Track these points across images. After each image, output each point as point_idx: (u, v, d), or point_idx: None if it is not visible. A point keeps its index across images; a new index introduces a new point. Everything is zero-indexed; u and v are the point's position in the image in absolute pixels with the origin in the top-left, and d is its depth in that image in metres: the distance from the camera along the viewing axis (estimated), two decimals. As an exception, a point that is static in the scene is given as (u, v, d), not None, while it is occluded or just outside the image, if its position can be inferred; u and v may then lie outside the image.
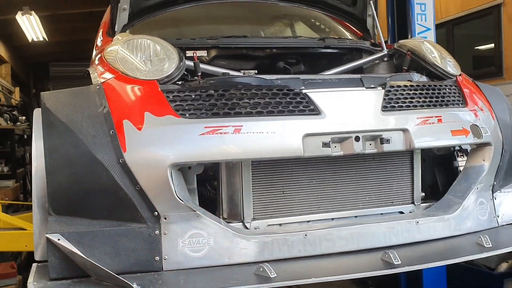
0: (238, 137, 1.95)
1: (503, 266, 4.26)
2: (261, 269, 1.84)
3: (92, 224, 1.86)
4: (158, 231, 1.87)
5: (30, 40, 9.37)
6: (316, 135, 2.05)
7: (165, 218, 1.88)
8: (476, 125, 2.36)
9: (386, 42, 2.96)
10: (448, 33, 5.51)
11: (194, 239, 1.90)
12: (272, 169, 2.17)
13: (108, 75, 2.16)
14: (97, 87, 2.06)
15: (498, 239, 2.29)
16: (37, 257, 1.91)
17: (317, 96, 2.13)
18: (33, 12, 7.80)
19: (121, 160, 1.86)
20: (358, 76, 2.33)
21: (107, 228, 1.85)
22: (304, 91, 2.13)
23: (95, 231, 1.84)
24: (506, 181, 2.54)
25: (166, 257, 1.86)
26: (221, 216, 2.15)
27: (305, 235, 2.02)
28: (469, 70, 5.21)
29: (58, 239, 1.78)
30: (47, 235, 1.79)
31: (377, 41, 3.17)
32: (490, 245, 2.16)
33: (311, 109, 2.09)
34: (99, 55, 2.41)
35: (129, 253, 1.84)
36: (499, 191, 2.47)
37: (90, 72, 2.34)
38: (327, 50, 2.89)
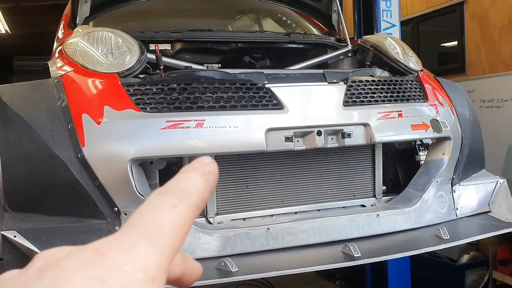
0: (201, 132, 1.94)
1: (465, 258, 4.40)
2: (222, 264, 1.84)
3: (50, 221, 1.82)
4: (118, 227, 1.84)
5: (-8, 32, 9.09)
6: (279, 129, 2.06)
7: (126, 214, 1.86)
8: (436, 119, 2.41)
9: (352, 38, 3.00)
10: (413, 30, 5.61)
11: (155, 234, 1.88)
12: (235, 164, 2.17)
13: (67, 68, 2.11)
14: (56, 80, 2.01)
15: (457, 231, 2.35)
16: (-8, 255, 1.86)
17: (280, 90, 2.13)
18: (-5, 4, 7.56)
19: (80, 155, 1.83)
20: (321, 71, 2.35)
21: (66, 225, 1.82)
22: (267, 85, 2.13)
23: (53, 227, 1.80)
24: (465, 175, 2.60)
25: (127, 253, 1.84)
26: (184, 211, 2.13)
27: (268, 229, 2.03)
28: (434, 67, 5.33)
29: (14, 236, 1.73)
30: (2, 232, 1.74)
31: (342, 36, 3.20)
32: (448, 237, 2.21)
33: (274, 104, 2.10)
34: (59, 48, 2.36)
35: (89, 250, 1.80)
36: (458, 184, 2.53)
37: (49, 65, 2.29)
38: (293, 45, 2.90)
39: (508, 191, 2.61)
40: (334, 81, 2.28)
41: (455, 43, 5.26)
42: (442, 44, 5.98)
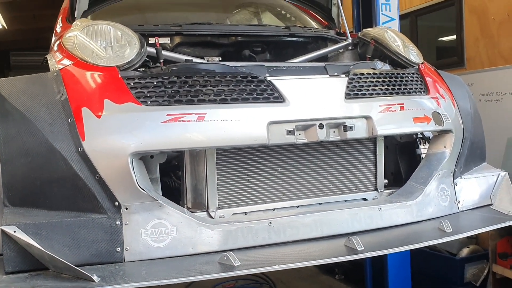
0: (202, 125, 1.92)
1: (464, 252, 4.40)
2: (225, 258, 1.83)
3: (50, 215, 1.81)
4: (119, 222, 1.83)
5: (-12, 28, 9.02)
6: (281, 122, 2.05)
7: (126, 208, 1.84)
8: (437, 112, 2.40)
9: (351, 32, 2.98)
10: (412, 23, 5.59)
11: (156, 229, 1.86)
12: (237, 157, 2.15)
13: (66, 62, 2.09)
14: (55, 73, 1.99)
15: (459, 224, 2.34)
16: (-8, 250, 1.84)
17: (281, 83, 2.12)
18: (-9, -1, 7.50)
19: (80, 149, 1.81)
20: (322, 64, 2.33)
21: (66, 219, 1.80)
22: (268, 78, 2.12)
23: (53, 222, 1.78)
24: (467, 168, 2.60)
25: (128, 247, 1.83)
26: (185, 205, 2.12)
27: (270, 223, 2.02)
28: (432, 61, 5.31)
29: (14, 231, 1.72)
30: (1, 227, 1.72)
31: (341, 30, 3.19)
32: (451, 230, 2.20)
33: (276, 97, 2.08)
34: (58, 42, 2.33)
35: (89, 244, 1.79)
36: (460, 177, 2.53)
37: (48, 59, 2.27)
38: (292, 39, 2.88)
39: (510, 184, 2.61)
40: (336, 74, 2.26)
41: (454, 37, 5.24)
42: (440, 38, 5.97)
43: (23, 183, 1.84)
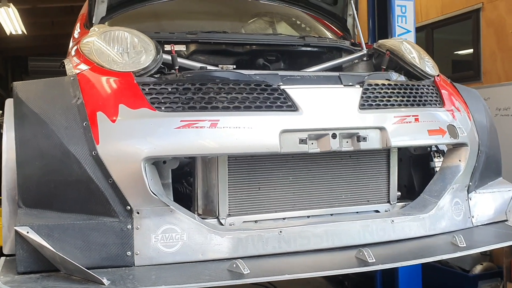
0: (215, 132, 1.93)
1: (478, 268, 4.33)
2: (234, 265, 1.82)
3: (63, 217, 1.83)
4: (130, 226, 1.84)
5: (8, 33, 9.18)
6: (293, 131, 2.04)
7: (138, 213, 1.85)
8: (453, 125, 2.38)
9: (366, 43, 2.97)
10: (428, 36, 5.57)
11: (167, 234, 1.87)
12: (248, 165, 2.15)
13: (83, 67, 2.12)
14: (72, 78, 2.02)
15: (473, 239, 2.31)
16: (5, 250, 1.86)
17: (295, 92, 2.12)
18: (11, 5, 7.64)
19: (94, 153, 1.83)
20: (337, 73, 2.33)
21: (78, 222, 1.81)
22: (282, 87, 2.12)
23: (66, 224, 1.80)
24: (481, 182, 2.56)
25: (138, 252, 1.83)
26: (196, 212, 2.12)
27: (280, 231, 2.01)
28: (448, 74, 5.27)
29: (27, 232, 1.73)
30: (15, 228, 1.74)
31: (357, 41, 3.18)
32: (465, 245, 2.17)
33: (289, 105, 2.08)
34: (75, 47, 2.37)
35: (100, 248, 1.80)
36: (474, 191, 2.49)
37: (65, 63, 2.31)
38: (307, 48, 2.88)
39: (526, 199, 2.56)
40: (350, 84, 2.26)
41: (471, 50, 5.20)
42: (456, 52, 5.93)
43: (38, 185, 1.86)
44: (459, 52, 5.82)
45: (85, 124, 1.86)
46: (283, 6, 3.46)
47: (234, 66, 2.65)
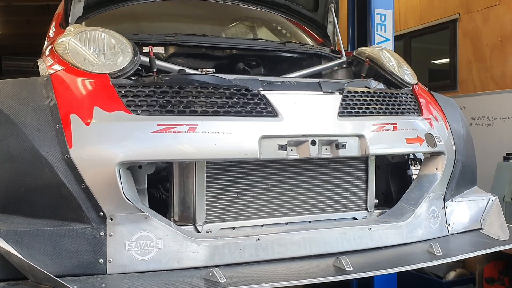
0: (193, 137, 1.89)
1: (451, 275, 4.38)
2: (210, 274, 1.78)
3: (33, 223, 1.76)
4: (103, 232, 1.78)
5: (-19, 31, 8.97)
6: (273, 137, 2.02)
7: (111, 219, 1.79)
8: (430, 134, 2.39)
9: (346, 50, 2.98)
10: (406, 45, 5.64)
11: (141, 241, 1.81)
12: (226, 171, 2.12)
13: (57, 67, 2.05)
14: (45, 78, 1.96)
15: (449, 247, 2.32)
16: (-29, 258, 1.78)
17: (275, 98, 2.09)
18: (-15, 2, 7.47)
19: (66, 156, 1.76)
20: (316, 80, 2.32)
21: (49, 228, 1.75)
22: (262, 92, 2.09)
23: (35, 230, 1.73)
24: (457, 191, 2.58)
25: (111, 259, 1.77)
26: (172, 218, 2.08)
27: (258, 239, 1.98)
28: (425, 83, 5.34)
29: (-6, 238, 1.66)
30: (-19, 234, 1.66)
31: (337, 48, 3.19)
32: (441, 253, 2.18)
33: (269, 111, 2.06)
34: (50, 47, 2.30)
35: (71, 255, 1.74)
36: (450, 200, 2.51)
37: (39, 63, 2.23)
38: (287, 54, 2.87)
39: (500, 208, 2.60)
40: (330, 91, 2.25)
41: (447, 60, 5.29)
42: (433, 61, 6.02)
43: (6, 189, 1.79)
44: (436, 61, 5.92)
45: (58, 126, 1.80)
46: (264, 11, 3.45)
47: (214, 70, 2.62)
